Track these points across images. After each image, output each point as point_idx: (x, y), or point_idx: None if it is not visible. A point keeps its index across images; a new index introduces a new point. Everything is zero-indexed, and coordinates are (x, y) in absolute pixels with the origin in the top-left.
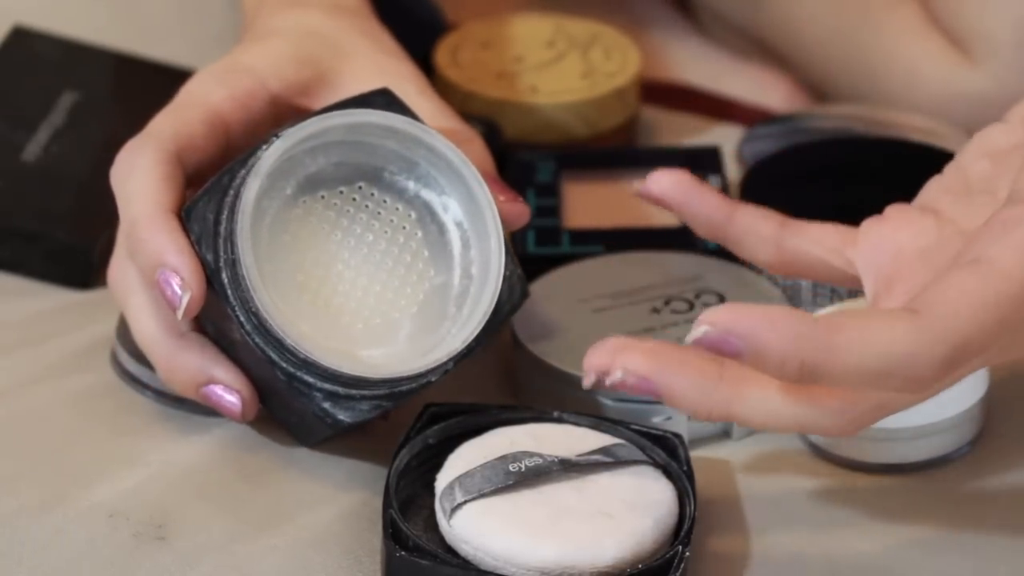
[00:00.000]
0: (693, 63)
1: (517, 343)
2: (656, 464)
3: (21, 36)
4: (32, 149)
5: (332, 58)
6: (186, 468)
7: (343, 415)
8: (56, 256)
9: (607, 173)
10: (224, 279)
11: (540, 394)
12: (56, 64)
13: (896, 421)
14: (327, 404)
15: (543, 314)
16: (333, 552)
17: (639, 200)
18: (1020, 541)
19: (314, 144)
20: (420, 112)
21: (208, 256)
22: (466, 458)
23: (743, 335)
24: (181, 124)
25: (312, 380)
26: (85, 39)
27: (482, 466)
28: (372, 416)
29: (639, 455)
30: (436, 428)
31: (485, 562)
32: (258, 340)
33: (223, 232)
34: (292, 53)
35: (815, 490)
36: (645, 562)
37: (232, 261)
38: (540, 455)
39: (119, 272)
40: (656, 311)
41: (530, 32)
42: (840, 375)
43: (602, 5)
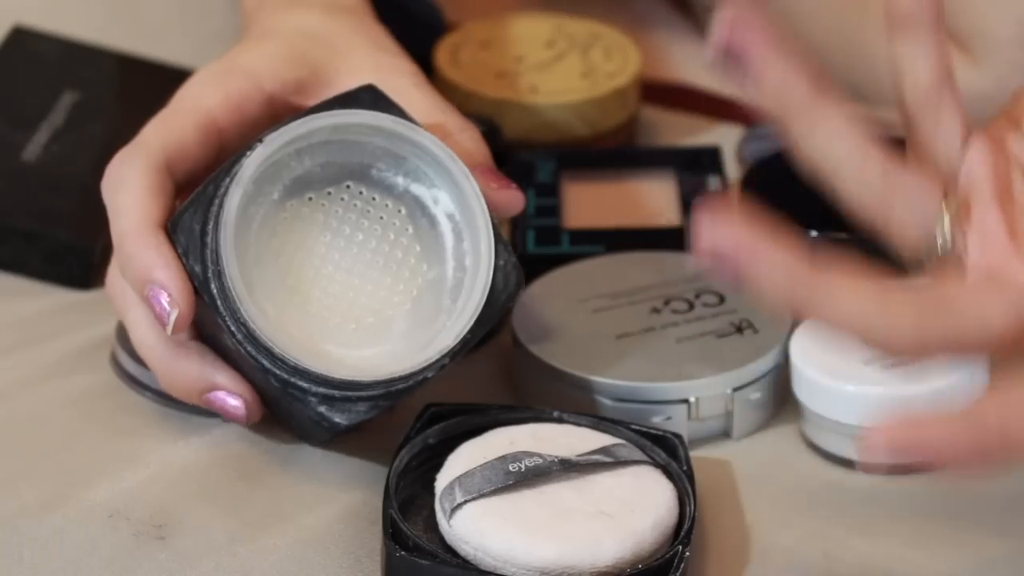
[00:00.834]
0: (693, 63)
1: (517, 343)
2: (656, 464)
3: (21, 36)
4: (32, 149)
5: (328, 56)
6: (186, 468)
7: (339, 418)
8: (56, 256)
9: (607, 173)
10: (213, 290)
11: (540, 394)
12: (56, 64)
13: None
14: (323, 408)
15: (543, 314)
16: (333, 552)
17: (639, 200)
18: (1020, 541)
19: (299, 146)
20: (416, 106)
21: (196, 268)
22: (466, 458)
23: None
24: (171, 132)
25: (306, 385)
26: (85, 39)
27: (482, 466)
28: (370, 416)
29: (639, 455)
30: (436, 428)
31: (485, 562)
32: (250, 349)
33: (209, 243)
34: (287, 52)
35: (815, 490)
36: (645, 562)
37: (219, 272)
38: (540, 455)
39: (116, 283)
40: (656, 311)
41: (530, 32)
42: None
43: (602, 5)
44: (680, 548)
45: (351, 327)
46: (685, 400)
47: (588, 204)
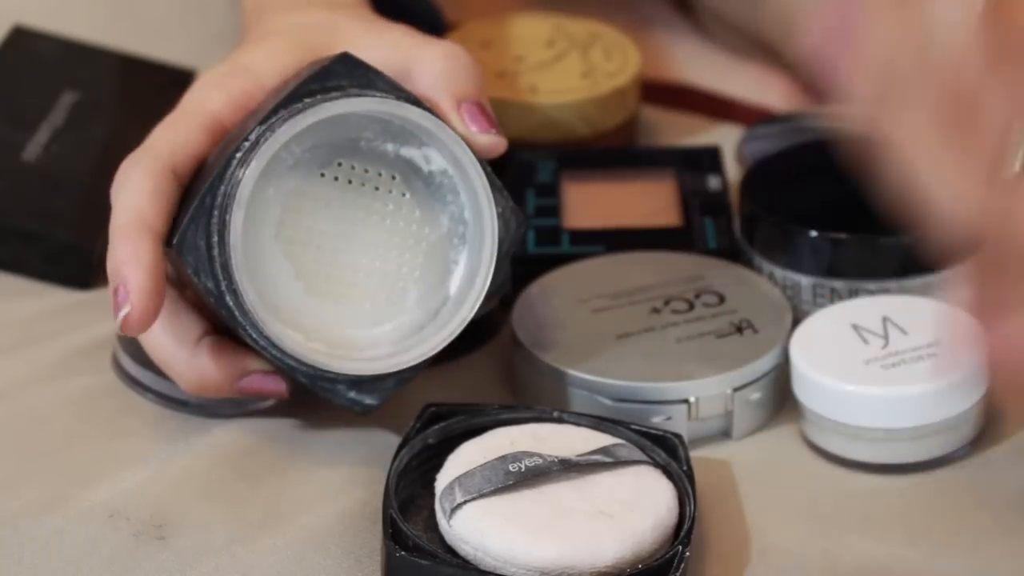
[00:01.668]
0: (693, 63)
1: (517, 343)
2: (656, 464)
3: (21, 36)
4: (32, 149)
5: (328, 38)
6: (186, 468)
7: (371, 399)
8: (56, 256)
9: (607, 173)
10: (229, 303)
11: (540, 394)
12: (56, 64)
13: (896, 421)
14: (352, 393)
15: (543, 314)
16: (333, 552)
17: (639, 200)
18: (1020, 541)
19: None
20: (421, 61)
21: (209, 284)
22: (466, 458)
23: None
24: (178, 135)
25: (333, 374)
26: (85, 39)
27: (482, 466)
28: (399, 388)
29: (639, 455)
30: (436, 428)
31: (485, 562)
32: (274, 353)
33: (217, 257)
34: (287, 43)
35: (815, 490)
36: (645, 562)
37: (233, 290)
38: (540, 455)
39: None
40: (656, 311)
41: (530, 32)
42: None
43: (602, 5)
44: (680, 548)
45: (367, 307)
46: (685, 400)
47: (588, 204)
